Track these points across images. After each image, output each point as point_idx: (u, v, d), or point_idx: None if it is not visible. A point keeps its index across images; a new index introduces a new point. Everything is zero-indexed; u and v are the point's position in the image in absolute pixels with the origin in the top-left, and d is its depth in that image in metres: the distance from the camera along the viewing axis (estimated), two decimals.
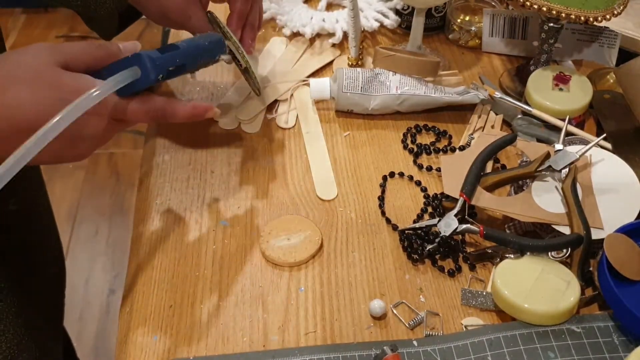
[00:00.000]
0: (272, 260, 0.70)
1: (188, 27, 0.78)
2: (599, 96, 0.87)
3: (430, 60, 0.87)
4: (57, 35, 2.78)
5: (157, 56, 0.61)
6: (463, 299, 0.66)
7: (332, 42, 0.99)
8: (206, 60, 0.71)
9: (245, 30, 0.80)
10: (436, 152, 0.83)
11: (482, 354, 0.61)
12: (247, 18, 0.80)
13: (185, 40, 0.67)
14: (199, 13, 0.77)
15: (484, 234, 0.67)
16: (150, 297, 0.67)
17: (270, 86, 0.90)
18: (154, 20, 0.80)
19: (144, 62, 0.59)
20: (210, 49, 0.71)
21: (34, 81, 0.55)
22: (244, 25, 0.80)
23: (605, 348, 0.61)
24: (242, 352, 0.62)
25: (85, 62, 0.59)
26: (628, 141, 0.81)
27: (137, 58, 0.59)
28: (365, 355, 0.61)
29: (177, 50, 0.64)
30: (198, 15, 0.77)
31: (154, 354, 0.63)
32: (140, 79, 0.59)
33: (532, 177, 0.74)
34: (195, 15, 0.76)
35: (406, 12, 1.01)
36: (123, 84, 0.58)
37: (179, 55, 0.64)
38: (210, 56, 0.71)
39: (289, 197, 0.77)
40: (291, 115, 0.87)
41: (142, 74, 0.59)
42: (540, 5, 0.80)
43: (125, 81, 0.58)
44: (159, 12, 0.77)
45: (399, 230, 0.73)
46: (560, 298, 0.62)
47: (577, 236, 0.66)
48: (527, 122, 0.85)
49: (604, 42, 0.93)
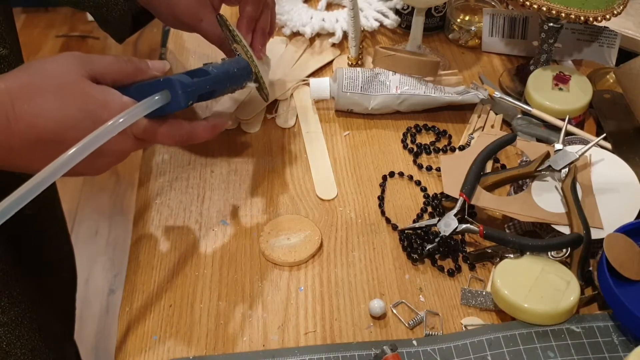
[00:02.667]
0: (272, 260, 0.70)
1: (199, 29, 0.77)
2: (599, 96, 0.87)
3: (430, 60, 0.87)
4: (57, 35, 2.78)
5: (189, 82, 0.60)
6: (463, 299, 0.66)
7: (332, 41, 0.99)
8: (234, 86, 0.70)
9: (255, 35, 0.79)
10: (436, 152, 0.83)
11: (481, 353, 0.61)
12: (258, 23, 0.80)
13: (215, 66, 0.66)
14: (210, 16, 0.76)
15: (483, 233, 0.67)
16: (150, 297, 0.67)
17: (270, 86, 0.90)
18: (165, 22, 0.79)
19: (175, 88, 0.59)
20: (238, 76, 0.69)
21: (60, 91, 0.54)
22: (254, 30, 0.79)
23: (604, 348, 0.61)
24: (242, 351, 0.62)
25: (113, 76, 0.58)
26: (628, 141, 0.81)
27: (169, 83, 0.59)
28: (365, 355, 0.61)
29: (208, 77, 0.63)
30: (209, 19, 0.76)
31: (154, 353, 0.63)
32: (171, 104, 0.58)
33: (532, 177, 0.74)
34: (206, 18, 0.76)
35: (406, 12, 1.01)
36: (154, 108, 0.57)
37: (210, 81, 0.63)
38: (237, 82, 0.70)
39: (289, 196, 0.77)
40: (291, 115, 0.87)
41: (173, 99, 0.59)
42: (540, 5, 0.80)
43: (156, 105, 0.57)
44: (171, 14, 0.77)
45: (399, 230, 0.73)
46: (560, 298, 0.62)
47: (577, 236, 0.66)
48: (527, 121, 0.85)
49: (604, 42, 0.93)
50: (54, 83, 0.54)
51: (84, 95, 0.55)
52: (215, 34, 0.76)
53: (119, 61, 0.60)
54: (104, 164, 0.59)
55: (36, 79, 0.55)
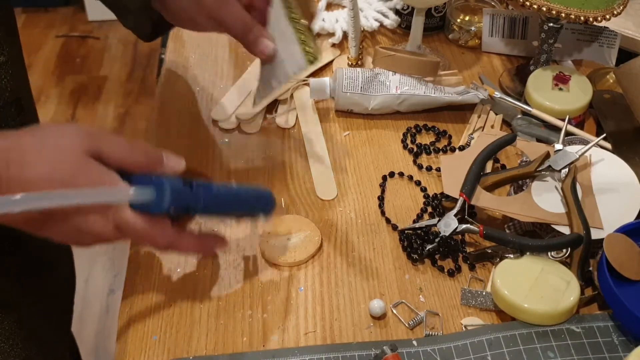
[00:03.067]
0: (272, 260, 0.70)
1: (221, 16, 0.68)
2: (599, 96, 0.87)
3: (430, 60, 0.87)
4: (56, 35, 2.78)
5: (179, 189, 0.56)
6: (463, 299, 0.66)
7: (332, 42, 0.99)
8: (242, 213, 0.65)
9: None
10: (436, 152, 0.83)
11: (481, 353, 0.61)
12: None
13: (227, 185, 0.62)
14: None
15: (483, 233, 0.67)
16: (150, 297, 0.67)
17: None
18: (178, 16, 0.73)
19: (162, 188, 0.55)
20: (250, 205, 0.64)
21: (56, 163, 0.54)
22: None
23: (604, 348, 0.61)
24: (242, 352, 0.62)
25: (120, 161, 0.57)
26: (628, 141, 0.81)
27: (159, 182, 0.56)
28: (365, 355, 0.61)
29: (207, 191, 0.59)
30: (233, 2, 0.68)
31: (154, 353, 0.63)
32: (152, 203, 0.55)
33: (532, 177, 0.74)
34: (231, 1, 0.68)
35: (406, 12, 1.01)
36: (132, 201, 0.55)
37: (206, 196, 0.59)
38: (248, 210, 0.64)
39: (289, 197, 0.77)
40: (291, 115, 0.87)
41: (156, 199, 0.55)
42: (540, 5, 0.80)
43: (135, 199, 0.55)
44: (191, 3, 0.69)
45: (399, 230, 0.73)
46: (560, 298, 0.62)
47: (577, 236, 0.66)
48: (527, 122, 0.85)
49: (604, 42, 0.93)
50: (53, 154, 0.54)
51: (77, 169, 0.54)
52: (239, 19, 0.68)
53: (131, 148, 0.58)
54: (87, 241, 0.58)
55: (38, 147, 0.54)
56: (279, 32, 0.70)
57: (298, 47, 0.69)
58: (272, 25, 0.70)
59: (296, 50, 0.69)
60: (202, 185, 0.58)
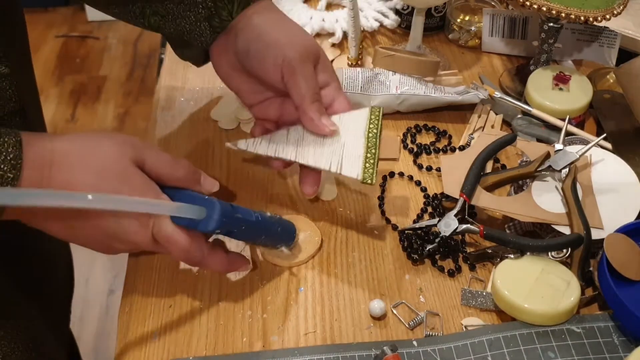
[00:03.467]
0: (272, 260, 0.70)
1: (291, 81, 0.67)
2: (599, 96, 0.87)
3: (430, 60, 0.86)
4: (56, 35, 2.78)
5: (229, 212, 0.58)
6: (463, 299, 0.66)
7: (331, 41, 0.99)
8: (267, 242, 0.67)
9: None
10: (436, 152, 0.82)
11: (482, 354, 0.61)
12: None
13: (261, 213, 0.64)
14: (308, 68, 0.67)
15: (484, 234, 0.67)
16: (150, 297, 0.67)
17: None
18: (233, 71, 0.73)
19: (214, 209, 0.57)
20: (278, 235, 0.67)
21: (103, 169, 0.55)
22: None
23: (605, 348, 0.61)
24: (242, 352, 0.62)
25: (159, 173, 0.58)
26: (628, 141, 0.81)
27: (211, 203, 0.57)
28: (365, 355, 0.61)
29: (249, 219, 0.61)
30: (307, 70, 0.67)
31: (154, 354, 0.62)
32: (201, 222, 0.57)
33: (532, 177, 0.74)
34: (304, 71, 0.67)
35: (406, 12, 1.01)
36: (184, 215, 0.56)
37: (247, 224, 0.61)
38: (275, 239, 0.67)
39: (289, 196, 0.77)
40: None
41: (206, 218, 0.57)
42: (540, 5, 0.80)
43: (188, 214, 0.56)
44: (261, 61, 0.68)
45: (399, 230, 0.73)
46: (560, 298, 0.62)
47: (577, 236, 0.66)
48: (527, 122, 0.84)
49: (604, 42, 0.93)
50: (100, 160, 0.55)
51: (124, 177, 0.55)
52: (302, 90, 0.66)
53: (174, 162, 0.59)
54: (117, 248, 0.59)
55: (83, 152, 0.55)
56: (350, 136, 0.68)
57: (361, 159, 0.67)
58: (346, 127, 0.68)
59: (357, 160, 0.67)
60: (243, 210, 0.61)
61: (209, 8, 0.69)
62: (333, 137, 0.68)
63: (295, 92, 0.67)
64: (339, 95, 0.70)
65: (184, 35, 0.73)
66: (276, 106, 0.73)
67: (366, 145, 0.67)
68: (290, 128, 0.70)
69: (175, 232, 0.57)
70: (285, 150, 0.69)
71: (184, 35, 0.73)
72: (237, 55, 0.70)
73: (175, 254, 0.59)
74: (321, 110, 0.68)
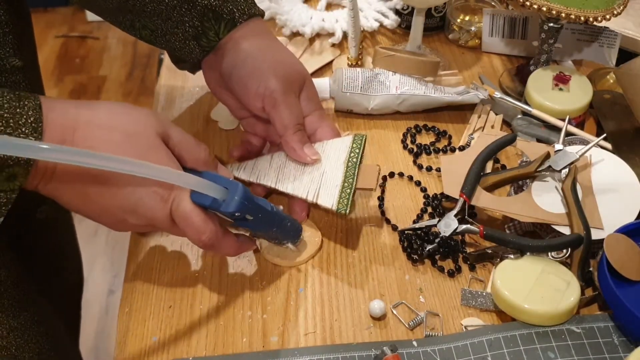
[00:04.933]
0: (272, 261, 0.70)
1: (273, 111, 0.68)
2: (599, 96, 0.87)
3: (430, 60, 0.86)
4: (56, 35, 2.78)
5: (250, 196, 0.58)
6: (463, 300, 0.66)
7: (331, 41, 0.99)
8: (274, 236, 0.67)
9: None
10: (436, 152, 0.82)
11: (482, 354, 0.61)
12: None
13: (277, 208, 0.64)
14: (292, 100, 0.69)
15: (483, 234, 0.67)
16: (150, 298, 0.67)
17: None
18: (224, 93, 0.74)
19: (236, 191, 0.57)
20: (287, 230, 0.67)
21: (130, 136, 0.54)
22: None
23: (605, 348, 0.61)
24: (242, 352, 0.62)
25: (182, 153, 0.58)
26: (628, 141, 0.81)
27: (234, 185, 0.57)
28: (365, 355, 0.61)
29: (266, 208, 0.61)
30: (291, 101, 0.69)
31: (154, 354, 0.62)
32: (221, 202, 0.57)
33: (532, 177, 0.73)
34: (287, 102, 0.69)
35: (406, 12, 1.01)
36: (207, 192, 0.56)
37: (264, 212, 0.61)
38: (283, 234, 0.67)
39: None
40: None
41: (228, 199, 0.57)
42: (540, 5, 0.80)
43: (210, 192, 0.56)
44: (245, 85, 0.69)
45: (399, 231, 0.73)
46: (560, 298, 0.62)
47: (577, 236, 0.66)
48: (527, 122, 0.84)
49: (604, 42, 0.93)
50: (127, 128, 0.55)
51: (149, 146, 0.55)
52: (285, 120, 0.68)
53: (196, 143, 0.59)
54: (128, 224, 0.58)
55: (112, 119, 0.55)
56: (330, 165, 0.69)
57: (337, 189, 0.67)
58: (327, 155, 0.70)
59: (334, 190, 0.67)
60: (261, 200, 0.61)
61: (195, 27, 0.70)
62: (314, 165, 0.69)
63: (278, 122, 0.68)
64: (322, 123, 0.72)
65: (174, 51, 0.74)
66: (262, 124, 0.75)
67: (344, 175, 0.68)
68: (274, 154, 0.72)
69: (192, 210, 0.57)
70: (266, 177, 0.71)
71: (175, 52, 0.74)
72: (222, 77, 0.71)
73: (190, 234, 0.58)
74: (303, 139, 0.69)
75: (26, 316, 0.72)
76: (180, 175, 0.55)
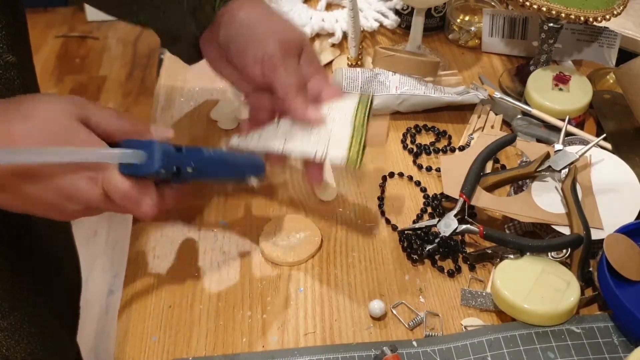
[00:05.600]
0: (272, 260, 0.70)
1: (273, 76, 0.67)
2: (599, 96, 0.87)
3: (430, 60, 0.86)
4: (56, 35, 2.78)
5: (169, 150, 0.57)
6: (463, 300, 0.66)
7: (331, 42, 0.98)
8: (231, 176, 0.66)
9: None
10: (436, 152, 0.82)
11: (481, 354, 0.61)
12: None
13: (216, 150, 0.63)
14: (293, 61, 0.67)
15: (483, 234, 0.67)
16: (150, 298, 0.67)
17: None
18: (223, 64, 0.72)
19: (153, 150, 0.55)
20: (240, 169, 0.66)
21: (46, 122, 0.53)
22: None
23: (605, 348, 0.61)
24: (242, 352, 0.62)
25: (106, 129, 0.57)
26: (628, 141, 0.81)
27: (149, 145, 0.56)
28: (365, 355, 0.61)
29: (197, 154, 0.60)
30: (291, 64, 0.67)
31: (154, 354, 0.62)
32: (143, 165, 0.55)
33: (532, 177, 0.73)
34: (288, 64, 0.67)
35: (406, 12, 1.01)
36: (123, 161, 0.55)
37: (196, 159, 0.59)
38: (237, 174, 0.66)
39: (288, 197, 0.77)
40: None
41: (147, 161, 0.55)
42: (540, 5, 0.80)
43: (127, 160, 0.55)
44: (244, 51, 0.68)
45: (399, 231, 0.73)
46: (560, 298, 0.62)
47: (577, 236, 0.66)
48: (527, 122, 0.84)
49: (604, 42, 0.93)
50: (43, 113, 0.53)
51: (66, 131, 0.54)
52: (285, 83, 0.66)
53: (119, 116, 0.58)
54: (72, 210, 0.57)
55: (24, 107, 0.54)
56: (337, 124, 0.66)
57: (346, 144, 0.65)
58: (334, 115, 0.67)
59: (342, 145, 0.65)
60: (192, 148, 0.59)
61: (193, 1, 0.69)
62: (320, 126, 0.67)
63: (279, 85, 0.66)
64: (326, 85, 0.69)
65: (173, 29, 0.73)
66: (268, 96, 0.71)
67: (353, 130, 0.66)
68: (280, 121, 0.69)
69: (122, 182, 0.55)
70: (274, 143, 0.68)
71: (173, 29, 0.73)
72: (220, 49, 0.70)
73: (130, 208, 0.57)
74: (306, 99, 0.67)
75: (17, 316, 0.71)
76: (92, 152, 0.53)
